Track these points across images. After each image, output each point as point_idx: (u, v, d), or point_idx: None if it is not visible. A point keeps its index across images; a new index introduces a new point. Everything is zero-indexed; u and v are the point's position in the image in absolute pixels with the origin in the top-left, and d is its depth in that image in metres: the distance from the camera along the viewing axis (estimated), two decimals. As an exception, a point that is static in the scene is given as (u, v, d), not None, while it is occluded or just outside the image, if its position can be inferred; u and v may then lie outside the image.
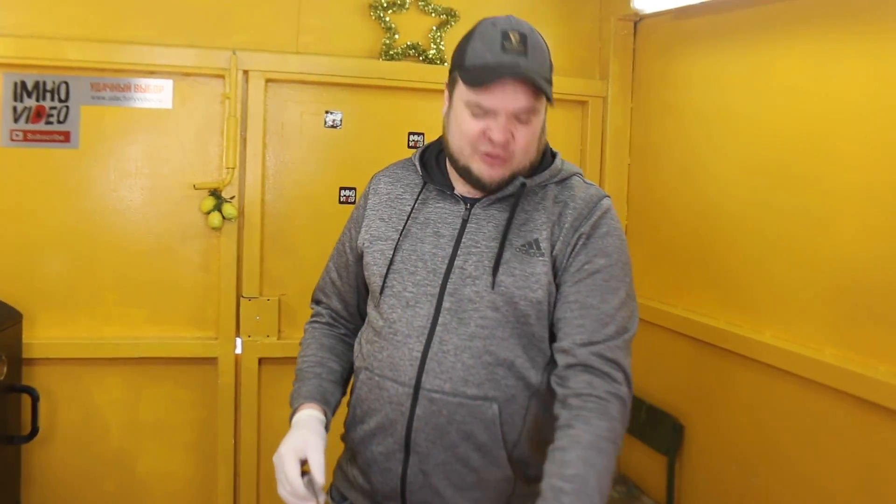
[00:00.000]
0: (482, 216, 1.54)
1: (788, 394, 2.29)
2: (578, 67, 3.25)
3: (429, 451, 1.50)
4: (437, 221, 1.56)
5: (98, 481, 2.89)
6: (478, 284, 1.49)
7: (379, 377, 1.54)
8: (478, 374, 1.47)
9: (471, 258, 1.51)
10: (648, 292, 3.07)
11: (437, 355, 1.48)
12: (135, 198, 2.85)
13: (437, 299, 1.50)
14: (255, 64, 2.86)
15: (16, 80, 2.74)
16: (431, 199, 1.59)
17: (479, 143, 1.46)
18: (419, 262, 1.54)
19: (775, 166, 2.41)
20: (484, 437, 1.49)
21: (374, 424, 1.55)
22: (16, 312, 2.67)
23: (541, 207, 1.54)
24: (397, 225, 1.59)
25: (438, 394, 1.48)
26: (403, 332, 1.52)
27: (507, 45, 1.44)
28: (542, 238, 1.50)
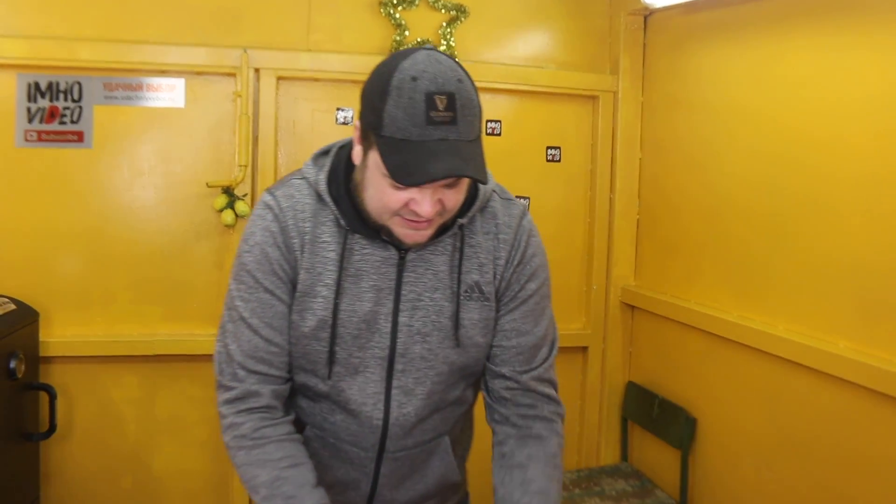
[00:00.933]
0: (418, 262, 1.39)
1: (803, 387, 2.29)
2: (589, 62, 3.26)
3: (394, 497, 1.51)
4: (369, 273, 1.37)
5: (115, 478, 2.92)
6: (429, 342, 1.40)
7: (334, 440, 1.45)
8: (434, 422, 1.48)
9: (417, 313, 1.39)
10: (660, 286, 3.08)
11: (399, 420, 1.42)
12: (148, 196, 2.87)
13: (388, 362, 1.40)
14: (267, 62, 2.87)
15: (29, 80, 2.76)
16: (357, 245, 1.37)
17: (401, 212, 1.26)
18: (361, 325, 1.37)
19: (786, 159, 2.41)
20: (441, 467, 1.53)
21: (332, 479, 1.47)
22: (33, 311, 2.70)
23: (473, 243, 1.42)
24: (325, 279, 1.36)
25: (403, 452, 1.46)
26: (357, 401, 1.41)
27: (434, 114, 1.17)
28: (483, 281, 1.42)
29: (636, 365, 3.25)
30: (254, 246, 1.38)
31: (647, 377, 3.15)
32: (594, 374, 3.30)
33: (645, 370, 3.18)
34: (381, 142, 1.20)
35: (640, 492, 2.92)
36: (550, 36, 3.23)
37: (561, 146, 3.24)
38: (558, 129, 3.24)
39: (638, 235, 3.27)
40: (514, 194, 1.55)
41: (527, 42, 3.20)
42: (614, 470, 3.14)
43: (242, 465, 1.36)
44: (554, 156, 3.23)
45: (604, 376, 3.30)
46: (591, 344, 3.30)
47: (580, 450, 3.36)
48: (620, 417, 3.28)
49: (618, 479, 3.03)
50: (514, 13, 3.18)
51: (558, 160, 3.24)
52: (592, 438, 3.33)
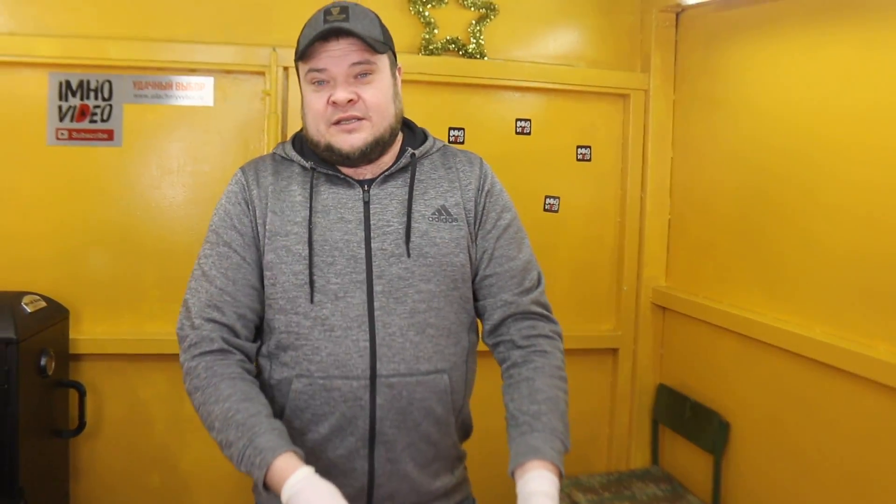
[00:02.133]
0: (381, 195, 1.52)
1: (841, 391, 2.23)
2: (620, 60, 3.22)
3: (395, 438, 1.49)
4: (338, 207, 1.50)
5: (143, 475, 2.93)
6: (403, 262, 1.48)
7: (322, 379, 1.45)
8: (426, 348, 1.49)
9: (387, 238, 1.49)
10: (692, 287, 3.03)
11: (385, 339, 1.45)
12: (177, 195, 2.88)
13: (367, 284, 1.46)
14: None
15: (61, 79, 2.78)
16: (323, 186, 1.52)
17: (328, 114, 1.45)
18: (335, 252, 1.47)
19: (823, 158, 2.35)
20: (440, 409, 1.52)
21: (328, 429, 1.47)
22: (63, 309, 2.71)
23: (434, 174, 1.57)
24: (295, 217, 1.49)
25: (396, 377, 1.46)
26: (341, 326, 1.45)
27: (329, 17, 1.43)
28: (449, 204, 1.54)
29: (667, 367, 3.20)
30: (219, 208, 1.55)
31: (679, 380, 3.10)
32: (625, 376, 3.26)
33: (676, 372, 3.13)
34: (296, 55, 1.47)
35: (671, 496, 2.88)
36: (580, 34, 3.20)
37: (591, 145, 3.20)
38: (589, 127, 3.20)
39: (669, 236, 3.22)
40: (544, 194, 1.68)
41: (557, 40, 3.17)
42: (645, 474, 3.09)
43: (199, 407, 1.42)
44: (584, 155, 3.19)
45: (634, 378, 3.25)
46: (621, 346, 3.25)
47: (610, 453, 3.32)
48: (651, 420, 3.23)
49: (648, 483, 2.99)
50: (544, 11, 3.15)
51: (589, 159, 3.20)
52: (622, 441, 3.29)
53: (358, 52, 1.44)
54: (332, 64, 1.43)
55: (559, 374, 1.52)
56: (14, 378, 2.31)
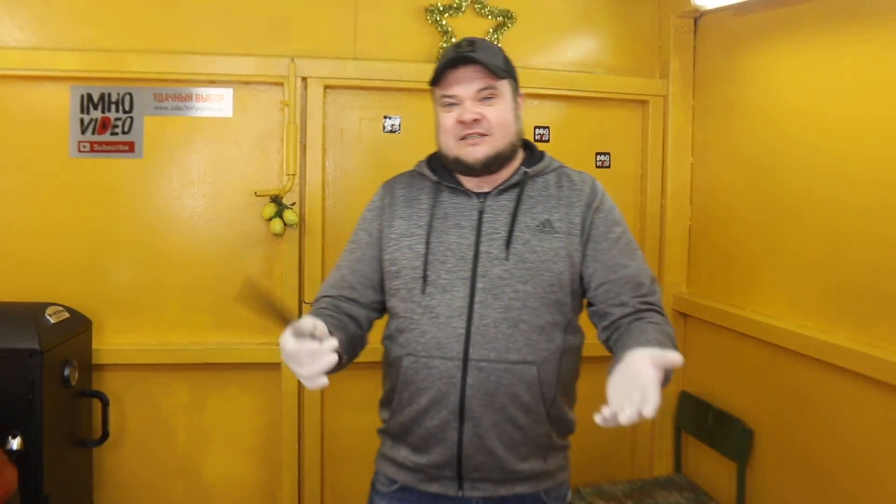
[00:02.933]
0: (494, 206, 1.73)
1: (868, 399, 2.20)
2: (638, 66, 3.21)
3: (482, 416, 1.66)
4: (455, 215, 1.74)
5: (166, 485, 2.94)
6: (505, 264, 1.68)
7: (425, 358, 1.68)
8: (517, 341, 1.66)
9: (494, 242, 1.70)
10: (714, 294, 3.01)
11: (480, 329, 1.66)
12: (197, 205, 2.90)
13: (471, 281, 1.68)
14: (314, 71, 2.88)
15: (82, 92, 2.81)
16: (445, 197, 1.77)
17: (456, 130, 1.69)
18: (448, 252, 1.70)
19: (845, 163, 2.33)
20: (527, 396, 1.67)
21: (427, 401, 1.69)
22: (86, 320, 2.73)
23: (545, 192, 1.76)
24: (419, 221, 1.75)
25: (485, 362, 1.65)
26: (444, 314, 1.67)
27: (459, 49, 1.69)
28: (553, 219, 1.72)
29: (690, 374, 3.17)
30: (363, 212, 1.88)
31: (702, 387, 3.08)
32: (646, 384, 3.22)
33: (699, 380, 3.11)
34: (432, 82, 1.73)
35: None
36: (598, 40, 3.19)
37: (610, 152, 3.19)
38: (607, 134, 3.20)
39: (690, 242, 3.20)
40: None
41: (575, 47, 3.16)
42: (668, 482, 3.07)
43: None
44: (603, 161, 3.18)
45: (656, 386, 3.22)
46: (642, 353, 3.22)
47: (633, 460, 3.30)
48: (674, 427, 3.21)
49: (672, 491, 2.97)
50: (562, 18, 3.15)
51: (608, 166, 3.19)
52: (645, 449, 3.26)
53: (482, 79, 1.68)
54: (460, 88, 1.68)
55: (668, 334, 1.61)
56: (38, 388, 2.33)
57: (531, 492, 1.75)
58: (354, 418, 2.98)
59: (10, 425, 2.30)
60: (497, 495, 1.72)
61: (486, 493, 1.72)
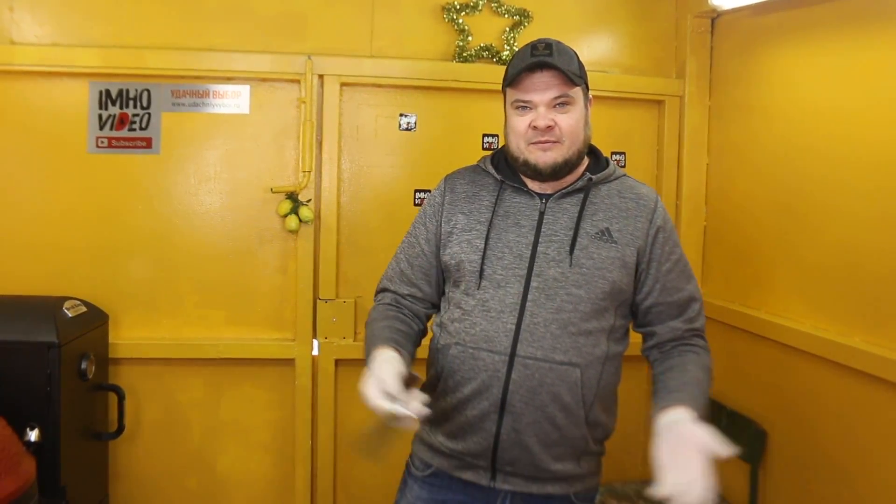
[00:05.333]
0: (556, 209, 1.76)
1: (884, 401, 2.19)
2: (655, 66, 3.20)
3: (522, 411, 1.69)
4: (516, 214, 1.77)
5: (180, 478, 2.97)
6: (561, 266, 1.70)
7: (473, 349, 1.72)
8: (564, 342, 1.68)
9: (552, 244, 1.72)
10: (729, 295, 3.00)
11: (530, 327, 1.68)
12: (214, 202, 2.92)
13: (526, 280, 1.71)
14: (330, 68, 2.89)
15: (101, 88, 2.83)
16: (508, 195, 1.79)
17: (528, 135, 1.71)
18: (505, 249, 1.73)
19: (863, 163, 2.31)
20: (568, 398, 1.69)
21: (469, 391, 1.72)
22: (103, 314, 2.76)
23: (608, 201, 1.78)
24: (480, 217, 1.78)
25: (531, 360, 1.68)
26: (496, 309, 1.71)
27: (535, 51, 1.68)
28: (613, 228, 1.74)
29: (703, 375, 3.16)
30: (423, 205, 1.92)
31: (715, 388, 2.99)
32: (659, 384, 3.22)
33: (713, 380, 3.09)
34: (505, 81, 1.75)
35: (706, 505, 2.84)
36: (615, 40, 3.19)
37: (626, 151, 3.19)
38: (623, 134, 3.19)
39: (705, 243, 3.19)
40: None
41: (591, 46, 3.16)
42: (680, 482, 3.06)
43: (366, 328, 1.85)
44: (619, 161, 3.17)
45: (669, 386, 3.22)
46: (655, 353, 3.22)
47: (645, 460, 3.27)
48: (686, 428, 3.19)
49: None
50: (578, 17, 3.14)
51: (623, 166, 3.18)
52: (657, 449, 3.25)
53: (558, 86, 1.68)
54: (536, 95, 1.69)
55: (706, 367, 1.77)
56: (56, 381, 2.36)
57: (562, 493, 1.77)
58: (367, 413, 2.98)
59: (29, 417, 2.32)
60: (527, 492, 1.75)
61: (516, 487, 1.75)
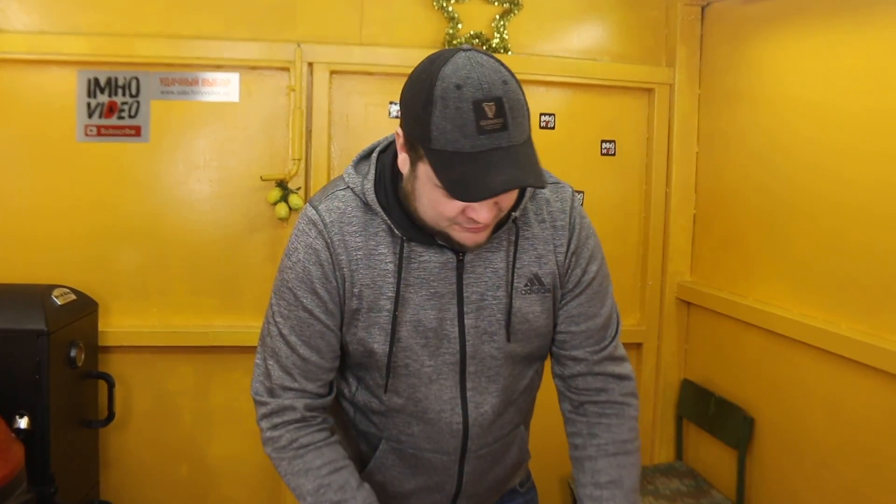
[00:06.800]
0: (476, 263, 1.36)
1: (868, 388, 2.21)
2: (644, 54, 3.20)
3: (476, 490, 1.53)
4: (429, 280, 1.35)
5: (171, 465, 2.97)
6: (496, 340, 1.39)
7: (413, 450, 1.46)
8: (511, 414, 1.49)
9: (482, 313, 1.37)
10: (717, 283, 3.01)
11: (478, 420, 1.42)
12: (203, 190, 2.91)
13: (460, 366, 1.39)
14: (320, 56, 2.89)
15: (89, 76, 2.82)
16: (414, 253, 1.34)
17: (458, 219, 1.23)
18: (428, 333, 1.36)
19: (851, 152, 2.33)
20: (516, 453, 1.56)
21: (414, 486, 1.50)
22: (92, 302, 2.76)
23: (528, 235, 1.39)
24: (386, 291, 1.34)
25: (484, 449, 1.47)
26: (434, 409, 1.41)
27: (483, 123, 1.12)
28: (542, 273, 1.40)
29: (692, 362, 3.19)
30: (296, 263, 1.35)
31: (703, 375, 3.09)
32: (648, 371, 3.25)
33: (701, 367, 3.12)
34: (432, 155, 1.16)
35: (695, 492, 2.87)
36: (605, 28, 3.18)
37: (616, 140, 3.19)
38: (613, 122, 3.19)
39: (694, 230, 3.21)
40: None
41: (581, 34, 3.16)
42: (668, 469, 3.08)
43: (286, 476, 1.40)
44: (609, 149, 3.18)
45: (658, 373, 3.24)
46: (645, 340, 3.24)
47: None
48: (675, 415, 3.22)
49: (672, 478, 2.98)
50: (568, 5, 3.14)
51: (613, 154, 3.19)
52: (646, 436, 3.28)
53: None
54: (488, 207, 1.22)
55: (624, 448, 1.46)
56: (45, 369, 2.35)
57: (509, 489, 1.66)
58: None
59: (18, 405, 2.32)
60: None
61: None
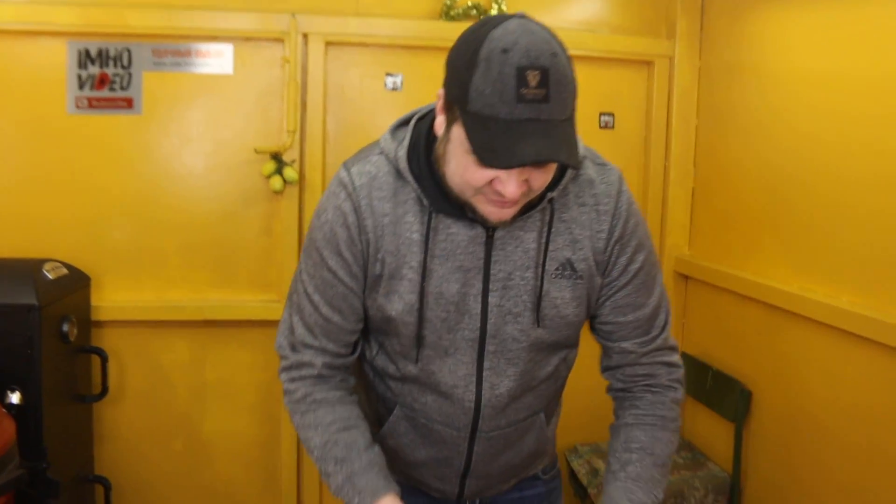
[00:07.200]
0: (507, 240, 1.32)
1: (868, 362, 2.19)
2: (644, 26, 3.16)
3: (487, 471, 1.51)
4: (456, 253, 1.31)
5: (166, 440, 2.96)
6: (521, 322, 1.35)
7: (425, 420, 1.44)
8: (528, 400, 1.45)
9: (508, 293, 1.33)
10: (717, 256, 3.00)
11: (492, 401, 1.40)
12: (197, 163, 2.88)
13: (479, 343, 1.36)
14: (315, 27, 2.84)
15: (80, 48, 2.77)
16: (442, 224, 1.30)
17: (484, 190, 1.19)
18: (450, 306, 1.33)
19: (852, 124, 2.29)
20: (534, 442, 1.52)
21: (424, 456, 1.49)
22: (84, 276, 2.73)
23: (566, 215, 1.34)
24: (411, 261, 1.32)
25: (496, 431, 1.44)
26: (448, 383, 1.38)
27: (524, 91, 1.08)
28: (576, 259, 1.34)
29: (689, 336, 3.18)
30: (324, 223, 1.35)
31: (701, 348, 3.08)
32: (645, 346, 3.23)
33: (699, 341, 3.11)
34: (467, 117, 1.12)
35: (691, 464, 2.87)
36: (604, -1, 3.14)
37: (614, 113, 3.15)
38: (612, 95, 3.15)
39: (693, 204, 3.18)
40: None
41: (580, 5, 3.12)
42: (665, 443, 3.08)
43: (298, 428, 1.41)
44: (607, 122, 3.14)
45: (655, 348, 3.23)
46: (642, 315, 3.22)
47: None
48: (672, 390, 3.21)
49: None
50: (568, -26, 3.10)
51: (612, 127, 3.15)
52: (643, 411, 3.27)
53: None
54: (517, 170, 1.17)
55: (663, 423, 1.44)
56: (37, 343, 2.33)
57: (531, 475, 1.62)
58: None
59: (10, 380, 2.30)
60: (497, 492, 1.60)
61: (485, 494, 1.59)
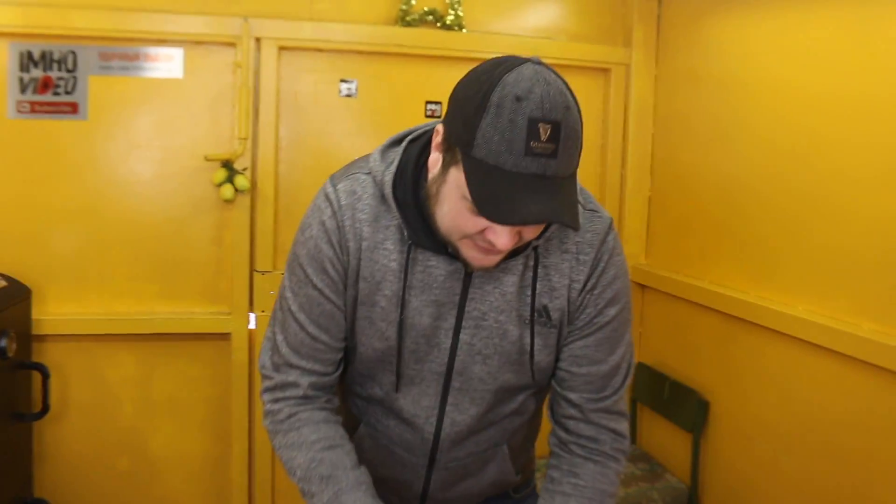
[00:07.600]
0: (486, 279, 1.29)
1: (823, 370, 2.20)
2: (601, 34, 3.15)
3: (445, 497, 1.49)
4: (433, 286, 1.28)
5: (111, 459, 2.85)
6: (489, 364, 1.33)
7: (387, 442, 1.43)
8: (489, 434, 1.43)
9: (480, 332, 1.31)
10: (673, 265, 3.00)
11: (451, 436, 1.39)
12: (145, 170, 2.79)
13: (445, 378, 1.35)
14: (268, 31, 2.78)
15: (22, 49, 2.67)
16: (421, 255, 1.27)
17: (474, 236, 1.15)
18: (420, 338, 1.32)
19: (809, 133, 2.31)
20: (495, 471, 1.49)
21: (385, 475, 1.45)
22: (24, 288, 2.62)
23: (547, 264, 1.30)
24: (385, 290, 1.29)
25: (454, 462, 1.43)
26: (410, 411, 1.38)
27: (534, 144, 1.04)
28: (552, 307, 1.31)
29: (646, 345, 3.17)
30: (308, 239, 1.32)
31: (658, 358, 3.07)
32: (603, 356, 3.22)
33: (656, 351, 3.10)
34: (469, 163, 1.07)
35: (649, 475, 2.85)
36: (561, 6, 3.13)
37: (571, 121, 3.14)
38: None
39: (650, 213, 3.18)
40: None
41: (537, 12, 3.10)
42: (623, 454, 3.06)
43: (280, 449, 1.37)
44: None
45: (613, 358, 3.22)
46: (600, 325, 3.21)
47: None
48: (630, 399, 3.20)
49: (626, 462, 2.96)
50: (524, -18, 3.08)
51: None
52: (601, 421, 3.26)
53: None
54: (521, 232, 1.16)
55: (602, 499, 1.37)
56: (-27, 359, 2.23)
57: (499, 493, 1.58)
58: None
59: (-57, 397, 2.20)
60: None
61: None
